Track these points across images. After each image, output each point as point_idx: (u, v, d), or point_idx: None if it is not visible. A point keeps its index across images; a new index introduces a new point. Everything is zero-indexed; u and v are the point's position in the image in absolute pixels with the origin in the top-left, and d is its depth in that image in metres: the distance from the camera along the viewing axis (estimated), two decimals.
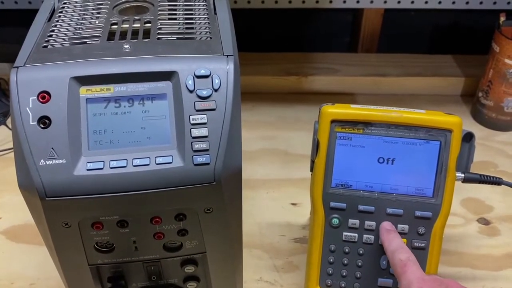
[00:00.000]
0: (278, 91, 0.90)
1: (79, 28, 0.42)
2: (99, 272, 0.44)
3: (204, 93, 0.37)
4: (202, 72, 0.37)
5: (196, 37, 0.41)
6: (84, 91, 0.37)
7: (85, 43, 0.40)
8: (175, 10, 0.45)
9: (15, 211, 0.66)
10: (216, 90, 0.37)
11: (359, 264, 0.49)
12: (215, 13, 0.45)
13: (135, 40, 0.40)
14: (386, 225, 0.48)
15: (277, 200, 0.69)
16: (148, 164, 0.36)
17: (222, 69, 0.38)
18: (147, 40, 0.40)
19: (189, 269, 0.45)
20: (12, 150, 0.75)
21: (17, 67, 0.37)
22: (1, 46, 0.87)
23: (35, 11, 0.45)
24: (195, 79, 0.37)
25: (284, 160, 0.76)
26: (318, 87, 0.90)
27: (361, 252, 0.49)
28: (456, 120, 0.47)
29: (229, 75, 0.38)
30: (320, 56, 0.94)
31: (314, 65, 0.92)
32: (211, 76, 0.37)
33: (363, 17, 0.93)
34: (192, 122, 0.37)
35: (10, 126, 0.80)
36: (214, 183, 0.37)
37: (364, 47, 0.97)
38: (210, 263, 0.45)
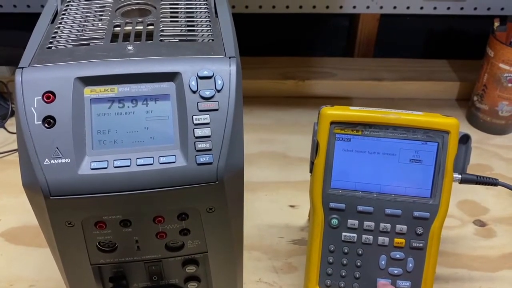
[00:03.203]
0: (276, 95, 0.90)
1: (82, 30, 0.43)
2: (101, 272, 0.44)
3: (207, 93, 0.38)
4: (205, 73, 0.38)
5: (198, 39, 0.42)
6: (89, 92, 0.37)
7: (88, 44, 0.41)
8: (177, 12, 0.46)
9: (14, 213, 0.66)
10: (218, 91, 0.38)
11: (358, 264, 0.50)
12: (216, 16, 0.45)
13: (138, 42, 0.41)
14: (384, 281, 0.49)
15: (276, 202, 0.70)
16: (151, 164, 0.37)
17: (225, 70, 0.38)
18: (150, 42, 0.41)
19: (190, 269, 0.45)
20: (11, 152, 0.76)
21: (22, 68, 0.37)
22: None
23: (34, 15, 0.45)
24: (198, 80, 0.38)
25: (282, 163, 0.77)
26: (316, 91, 0.91)
27: (360, 252, 0.50)
28: (453, 122, 0.48)
29: (232, 76, 0.38)
30: (317, 61, 0.95)
31: (311, 69, 0.93)
32: (214, 77, 0.38)
33: (360, 22, 0.95)
34: (195, 122, 0.37)
35: (8, 129, 0.80)
36: (217, 182, 0.38)
37: (360, 52, 0.98)
38: (211, 263, 0.45)
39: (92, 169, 0.36)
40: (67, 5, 0.46)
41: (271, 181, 0.73)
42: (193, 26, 0.44)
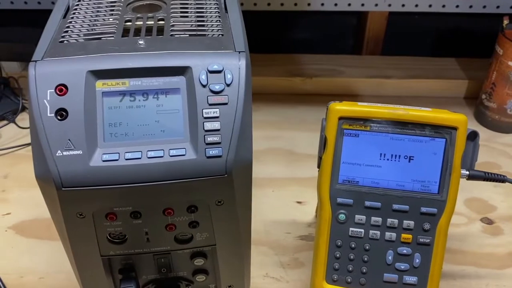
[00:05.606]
0: (283, 92, 0.91)
1: (94, 24, 0.43)
2: (111, 263, 0.45)
3: (217, 87, 0.38)
4: (215, 67, 0.38)
5: (208, 34, 0.42)
6: (100, 85, 0.38)
7: (100, 38, 0.41)
8: (187, 8, 0.46)
9: (24, 206, 0.67)
10: (228, 85, 0.38)
11: (365, 259, 0.50)
12: (226, 12, 0.46)
13: (149, 37, 0.41)
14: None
15: (283, 198, 0.70)
16: (162, 156, 0.37)
17: (234, 65, 0.39)
18: (161, 36, 0.41)
19: (199, 262, 0.46)
20: (22, 147, 0.77)
21: (35, 61, 0.38)
22: (10, 46, 0.88)
23: (44, 11, 0.46)
24: (208, 74, 0.38)
25: (289, 159, 0.77)
26: (323, 88, 0.91)
27: (367, 247, 0.50)
28: (462, 118, 0.48)
29: (241, 71, 0.39)
30: (324, 58, 0.95)
31: (319, 67, 0.93)
32: (223, 71, 0.38)
33: (368, 20, 0.95)
34: (204, 115, 0.38)
35: (19, 124, 0.81)
36: (226, 175, 0.38)
37: (368, 50, 0.98)
38: (220, 256, 0.45)
39: (103, 161, 0.37)
40: (79, 1, 0.47)
41: (278, 177, 0.74)
42: (203, 21, 0.44)
